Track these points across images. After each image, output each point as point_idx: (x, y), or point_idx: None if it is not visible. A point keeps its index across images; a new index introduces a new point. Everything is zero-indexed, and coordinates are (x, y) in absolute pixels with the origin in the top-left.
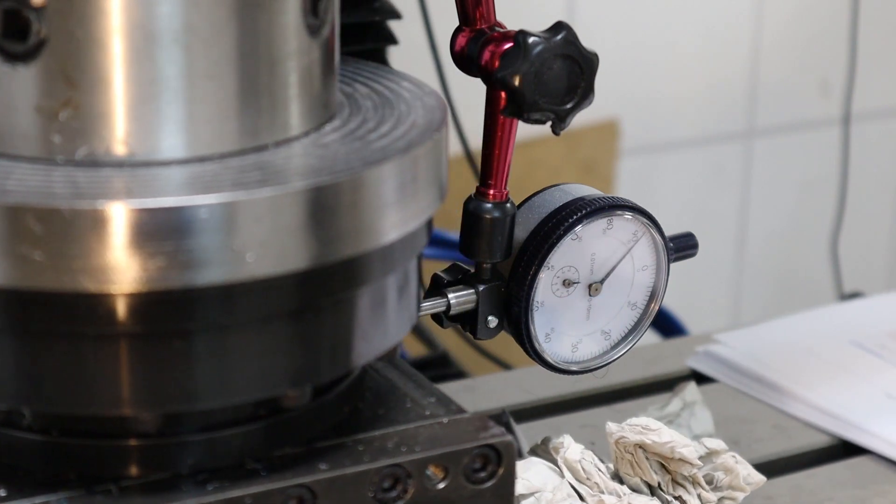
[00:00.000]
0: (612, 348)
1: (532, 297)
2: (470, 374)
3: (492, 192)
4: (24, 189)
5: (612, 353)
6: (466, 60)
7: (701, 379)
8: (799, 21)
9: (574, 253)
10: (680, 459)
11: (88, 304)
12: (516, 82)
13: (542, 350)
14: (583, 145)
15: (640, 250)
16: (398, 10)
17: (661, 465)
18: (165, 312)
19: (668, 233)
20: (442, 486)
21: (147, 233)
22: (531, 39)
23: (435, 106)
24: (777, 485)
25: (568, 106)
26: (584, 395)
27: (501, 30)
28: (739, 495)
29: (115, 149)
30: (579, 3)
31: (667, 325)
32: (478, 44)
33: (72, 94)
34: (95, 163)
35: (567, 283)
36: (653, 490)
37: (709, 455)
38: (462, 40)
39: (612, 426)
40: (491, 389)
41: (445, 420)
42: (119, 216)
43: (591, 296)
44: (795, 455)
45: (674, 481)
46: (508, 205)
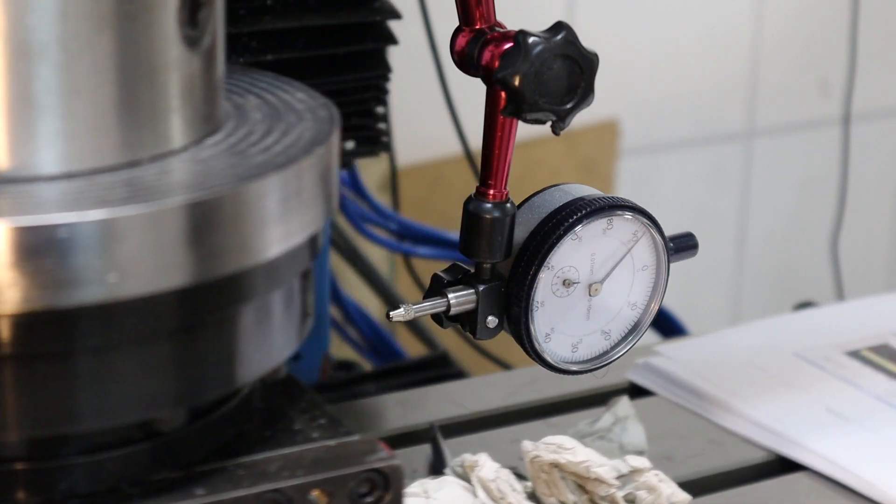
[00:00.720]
0: (612, 348)
1: (532, 297)
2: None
3: (492, 192)
4: None
5: (612, 353)
6: (466, 60)
7: (640, 392)
8: (799, 21)
9: (574, 253)
10: (596, 479)
11: None
12: (516, 82)
13: (542, 350)
14: (583, 145)
15: (640, 250)
16: (398, 10)
17: (579, 485)
18: (36, 334)
19: (668, 233)
20: None
21: (11, 252)
22: (531, 39)
23: (325, 118)
24: (708, 502)
25: (568, 106)
26: (518, 408)
27: (501, 30)
28: None
29: None
30: (579, 3)
31: (667, 325)
32: (478, 44)
33: None
34: None
35: (567, 283)
36: None
37: (632, 473)
38: (462, 40)
39: (527, 445)
40: (423, 404)
41: (333, 443)
42: None
43: (591, 296)
44: (730, 471)
45: (591, 501)
46: (508, 205)
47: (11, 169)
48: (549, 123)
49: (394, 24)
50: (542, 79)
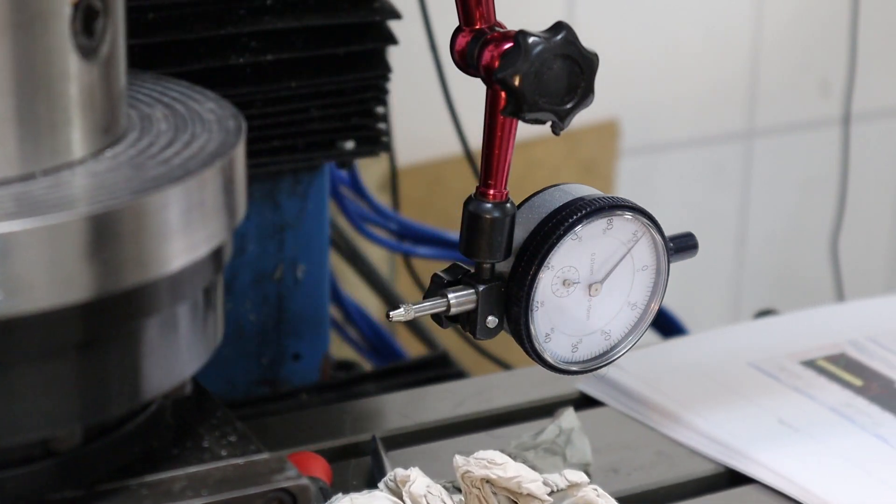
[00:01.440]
0: (612, 348)
1: (532, 297)
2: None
3: (492, 192)
4: None
5: (612, 353)
6: (466, 60)
7: (590, 402)
8: (799, 21)
9: (574, 253)
10: (528, 495)
11: None
12: (516, 82)
13: (542, 350)
14: (583, 145)
15: (640, 250)
16: (398, 10)
17: (512, 501)
18: None
19: (668, 233)
20: None
21: None
22: (531, 39)
23: (233, 129)
24: None
25: (568, 106)
26: (464, 419)
27: (501, 30)
28: None
29: None
30: (579, 3)
31: (667, 325)
32: (478, 44)
33: None
34: None
35: (567, 283)
36: None
37: (569, 488)
38: (462, 40)
39: (458, 460)
40: (366, 415)
41: (241, 461)
42: None
43: (591, 296)
44: (677, 484)
45: None
46: (508, 205)
47: None
48: (549, 123)
49: (394, 24)
50: (542, 79)
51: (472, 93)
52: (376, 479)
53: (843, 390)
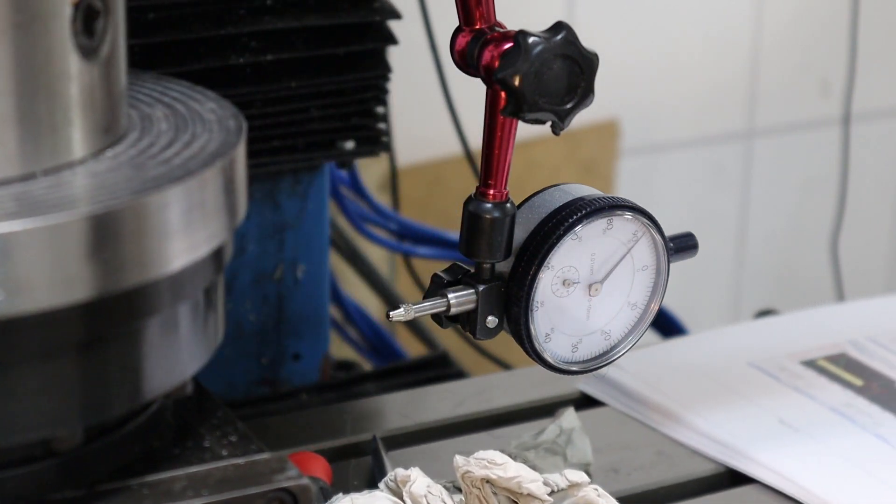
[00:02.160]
0: (612, 348)
1: (532, 297)
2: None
3: (492, 192)
4: None
5: (612, 353)
6: (466, 60)
7: (591, 402)
8: (799, 21)
9: (574, 253)
10: (528, 495)
11: None
12: (516, 82)
13: (542, 350)
14: (583, 145)
15: (640, 250)
16: (398, 10)
17: (512, 501)
18: None
19: (668, 233)
20: None
21: None
22: (531, 39)
23: (233, 129)
24: None
25: (568, 106)
26: (465, 419)
27: (501, 30)
28: None
29: None
30: (579, 3)
31: (667, 325)
32: (478, 44)
33: None
34: None
35: (567, 283)
36: None
37: (570, 488)
38: (462, 40)
39: (458, 459)
40: (367, 415)
41: (242, 461)
42: None
43: (591, 296)
44: (677, 484)
45: None
46: (508, 205)
47: None
48: (549, 123)
49: (394, 24)
50: (542, 79)
51: (472, 93)
52: (377, 479)
53: (843, 390)
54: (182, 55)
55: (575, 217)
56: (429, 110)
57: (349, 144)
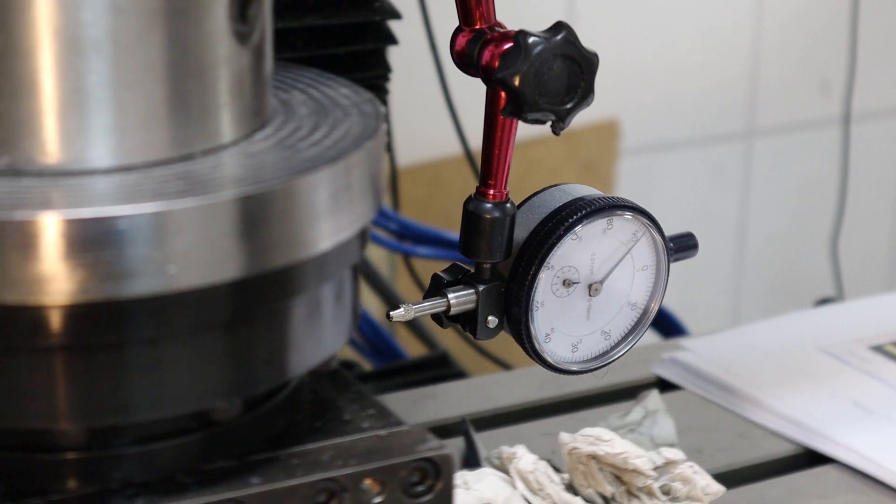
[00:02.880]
0: (612, 348)
1: (532, 297)
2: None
3: (492, 192)
4: None
5: (612, 353)
6: (466, 60)
7: (666, 386)
8: (799, 21)
9: (574, 253)
10: (633, 470)
11: (11, 317)
12: (516, 82)
13: (542, 350)
14: (583, 145)
15: (640, 250)
16: (398, 10)
17: (616, 476)
18: (91, 325)
19: (668, 233)
20: (378, 500)
21: (68, 244)
22: (531, 39)
23: (371, 113)
24: (739, 494)
25: (568, 106)
26: (546, 403)
27: (501, 30)
28: None
29: (36, 158)
30: (579, 3)
31: (667, 325)
32: (478, 44)
33: None
34: (17, 172)
35: (567, 283)
36: (607, 501)
37: (666, 465)
38: (462, 40)
39: (564, 437)
40: (452, 398)
41: (383, 433)
42: (40, 227)
43: (591, 296)
44: (759, 464)
45: (628, 492)
46: (508, 205)
47: (67, 162)
48: (549, 123)
49: (394, 24)
50: (542, 79)
51: (472, 93)
52: (469, 461)
53: None
54: None
55: (575, 217)
56: (429, 110)
57: None
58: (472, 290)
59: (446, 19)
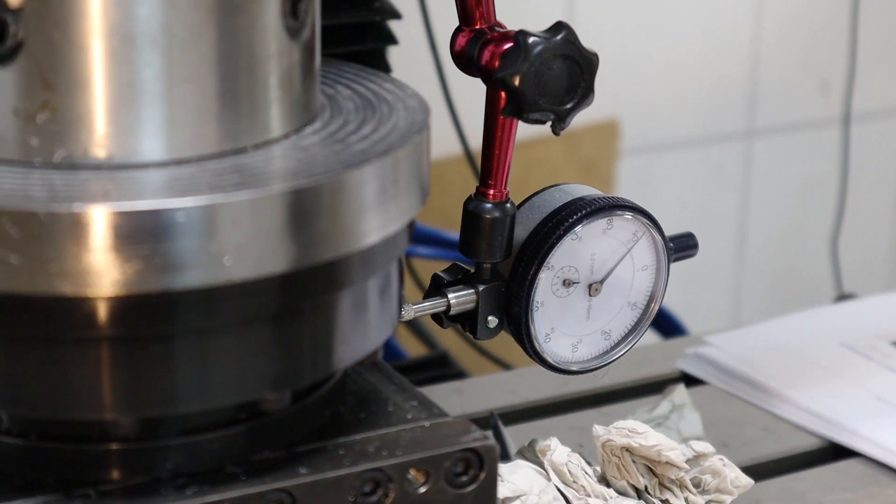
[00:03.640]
0: (612, 348)
1: (532, 297)
2: (470, 374)
3: (492, 192)
4: (0, 192)
5: (612, 353)
6: (466, 60)
7: (691, 381)
8: (799, 21)
9: (574, 253)
10: (667, 463)
11: (65, 308)
12: (516, 82)
13: (542, 350)
14: (583, 145)
15: (640, 250)
16: (398, 10)
17: (648, 469)
18: (143, 316)
19: (668, 233)
20: (423, 490)
21: (123, 236)
22: (531, 39)
23: (416, 108)
24: (766, 488)
25: (568, 106)
26: (572, 397)
27: (501, 30)
28: (727, 498)
29: (92, 151)
30: (579, 3)
31: (667, 325)
32: (478, 44)
33: (49, 97)
34: (73, 165)
35: (567, 283)
36: (640, 493)
37: (696, 458)
38: (462, 40)
39: (598, 429)
40: (480, 392)
41: (427, 424)
42: (96, 219)
43: (591, 296)
44: (785, 458)
45: (661, 484)
46: (508, 205)
47: (122, 155)
48: (549, 123)
49: (394, 24)
50: (542, 79)
51: (472, 93)
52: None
53: None
54: None
55: (575, 217)
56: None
57: None
58: (472, 290)
59: (446, 19)
